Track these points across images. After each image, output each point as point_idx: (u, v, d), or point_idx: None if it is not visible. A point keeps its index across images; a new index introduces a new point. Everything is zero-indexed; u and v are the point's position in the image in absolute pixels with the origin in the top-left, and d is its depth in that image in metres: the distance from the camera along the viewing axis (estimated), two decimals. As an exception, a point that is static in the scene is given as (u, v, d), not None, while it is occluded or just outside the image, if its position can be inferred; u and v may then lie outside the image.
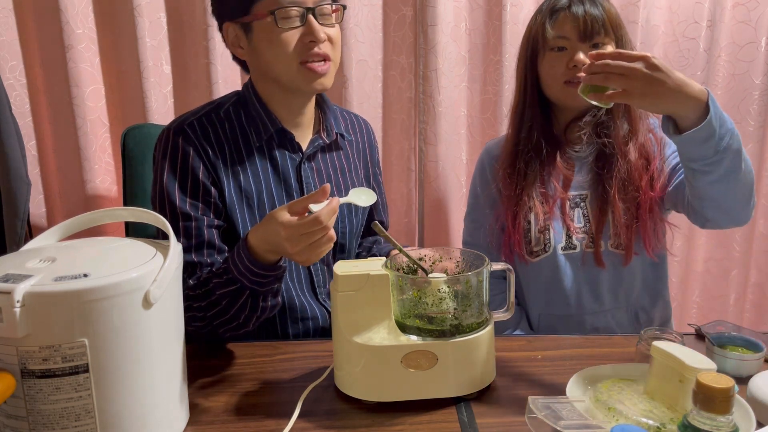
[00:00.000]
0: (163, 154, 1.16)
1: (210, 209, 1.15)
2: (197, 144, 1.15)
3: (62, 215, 1.80)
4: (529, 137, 1.36)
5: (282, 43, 1.11)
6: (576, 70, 1.28)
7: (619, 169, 1.31)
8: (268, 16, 1.10)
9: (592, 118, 1.35)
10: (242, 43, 1.16)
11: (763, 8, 1.77)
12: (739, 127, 1.86)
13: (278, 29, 1.10)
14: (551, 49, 1.31)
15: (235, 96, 1.24)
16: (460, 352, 0.94)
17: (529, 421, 0.81)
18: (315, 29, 1.11)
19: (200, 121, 1.17)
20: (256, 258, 1.02)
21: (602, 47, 1.28)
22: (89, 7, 1.69)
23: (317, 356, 1.11)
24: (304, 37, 1.11)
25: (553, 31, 1.29)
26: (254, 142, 1.19)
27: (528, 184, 1.36)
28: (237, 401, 0.97)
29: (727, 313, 2.00)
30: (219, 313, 1.08)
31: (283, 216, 0.95)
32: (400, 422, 0.91)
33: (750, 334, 1.08)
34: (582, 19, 1.26)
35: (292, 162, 1.23)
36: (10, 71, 1.69)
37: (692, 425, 0.68)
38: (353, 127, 1.37)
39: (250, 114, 1.20)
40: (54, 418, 0.75)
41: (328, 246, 0.97)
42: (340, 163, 1.31)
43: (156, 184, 1.16)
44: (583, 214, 1.36)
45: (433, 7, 1.73)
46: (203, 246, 1.13)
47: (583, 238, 1.35)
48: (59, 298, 0.72)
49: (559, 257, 1.36)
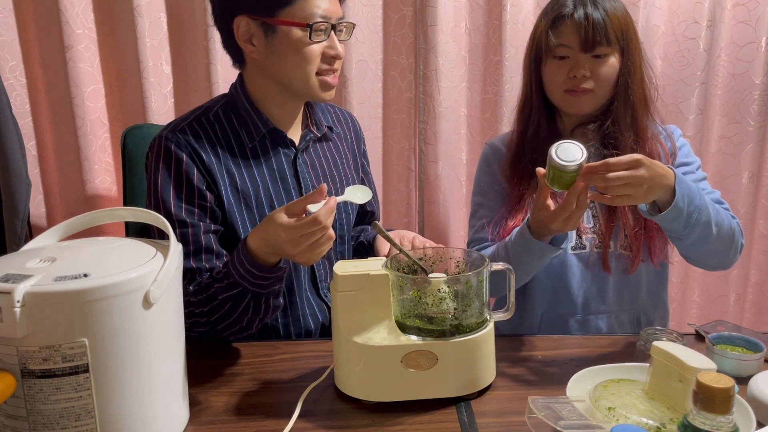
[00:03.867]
0: (156, 162, 1.15)
1: (206, 214, 1.15)
2: (190, 149, 1.15)
3: (62, 215, 1.80)
4: (535, 138, 1.36)
5: (308, 54, 1.13)
6: (576, 80, 1.28)
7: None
8: (301, 26, 1.10)
9: (599, 128, 1.34)
10: (256, 41, 1.15)
11: (763, 8, 1.77)
12: (739, 127, 1.87)
13: (309, 41, 1.12)
14: (553, 56, 1.30)
15: (223, 99, 1.24)
16: (460, 352, 0.94)
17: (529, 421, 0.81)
18: (337, 45, 1.16)
19: (191, 126, 1.17)
20: (257, 260, 1.02)
21: (604, 58, 1.27)
22: (89, 7, 1.69)
23: (317, 356, 1.11)
24: (328, 51, 1.15)
25: (555, 39, 1.28)
26: (247, 142, 1.20)
27: (534, 185, 1.34)
28: (237, 401, 0.97)
29: (727, 313, 2.00)
30: (222, 318, 1.07)
31: (282, 218, 0.96)
32: (400, 422, 0.91)
33: (750, 334, 1.08)
34: (583, 27, 1.25)
35: (286, 158, 1.24)
36: (10, 71, 1.69)
37: (692, 425, 0.68)
38: (339, 120, 1.39)
39: (240, 115, 1.21)
40: (54, 418, 0.75)
41: (328, 245, 0.97)
42: (332, 155, 1.33)
43: (150, 192, 1.16)
44: (592, 214, 1.35)
45: (433, 7, 1.73)
46: (201, 252, 1.13)
47: (592, 238, 1.35)
48: (59, 298, 0.72)
49: (569, 257, 1.36)
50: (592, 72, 1.27)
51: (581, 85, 1.28)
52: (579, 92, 1.29)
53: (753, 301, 2.01)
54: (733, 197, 1.91)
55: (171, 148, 1.14)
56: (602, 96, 1.30)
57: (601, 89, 1.29)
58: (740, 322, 2.01)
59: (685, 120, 1.85)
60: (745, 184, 1.90)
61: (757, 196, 1.91)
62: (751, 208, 1.92)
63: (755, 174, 1.89)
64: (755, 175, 1.89)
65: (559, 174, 1.04)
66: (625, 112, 1.30)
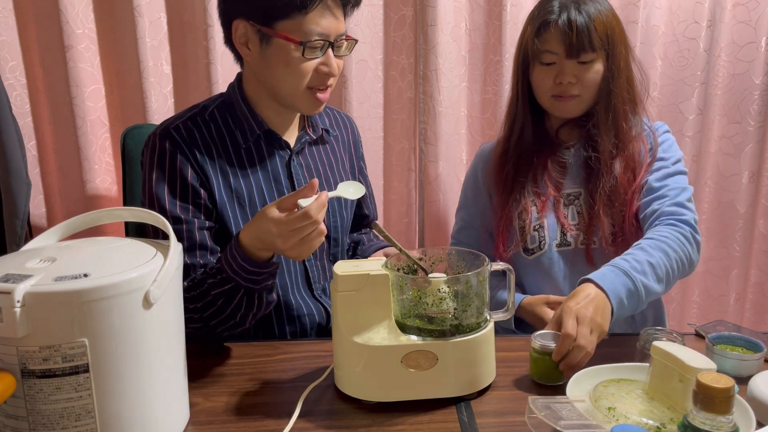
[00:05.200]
0: (150, 159, 1.16)
1: (200, 211, 1.16)
2: (184, 147, 1.15)
3: (62, 215, 1.80)
4: (519, 142, 1.39)
5: (299, 69, 1.12)
6: (563, 87, 1.30)
7: (604, 184, 1.32)
8: (296, 42, 1.09)
9: (582, 131, 1.36)
10: (252, 45, 1.14)
11: (763, 8, 1.77)
12: (739, 127, 1.87)
13: (302, 58, 1.10)
14: (540, 62, 1.32)
15: (220, 98, 1.24)
16: (460, 352, 0.94)
17: (529, 421, 0.81)
18: (332, 63, 1.14)
19: (186, 125, 1.17)
20: (249, 256, 1.02)
21: (590, 64, 1.29)
22: (89, 7, 1.68)
23: (317, 356, 1.11)
24: (321, 68, 1.13)
25: (541, 45, 1.30)
26: (241, 143, 1.20)
27: (518, 188, 1.38)
28: (237, 401, 0.97)
29: (727, 313, 2.00)
30: (215, 313, 1.08)
31: (273, 213, 0.96)
32: (400, 422, 0.91)
33: (750, 334, 1.08)
34: (567, 34, 1.26)
35: (281, 159, 1.24)
36: (10, 71, 1.69)
37: (692, 425, 0.68)
38: (337, 123, 1.39)
39: (236, 116, 1.21)
40: (54, 418, 0.75)
41: (319, 240, 0.98)
42: (327, 157, 1.33)
43: (145, 189, 1.16)
44: (577, 211, 1.37)
45: (433, 7, 1.73)
46: (195, 248, 1.13)
47: (577, 234, 1.36)
48: (59, 298, 0.72)
49: (554, 253, 1.38)
50: (578, 78, 1.29)
51: (568, 91, 1.30)
52: (566, 98, 1.31)
53: (753, 301, 2.01)
54: (733, 197, 1.91)
55: (165, 146, 1.15)
56: (588, 100, 1.33)
57: (587, 94, 1.31)
58: (740, 322, 2.00)
59: (685, 120, 1.85)
60: (745, 184, 1.89)
61: (757, 196, 1.91)
62: (751, 208, 1.92)
63: (755, 174, 1.89)
64: (755, 175, 1.89)
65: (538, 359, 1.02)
66: (606, 115, 1.32)
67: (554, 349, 0.98)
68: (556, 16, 1.27)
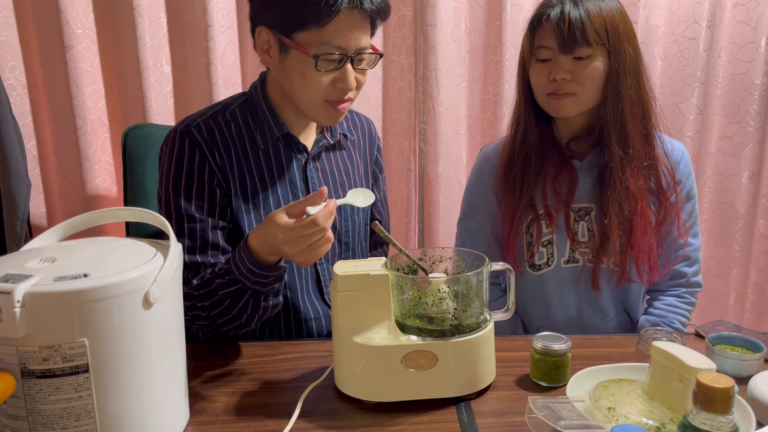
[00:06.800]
0: (169, 156, 1.16)
1: (215, 211, 1.16)
2: (203, 146, 1.15)
3: (62, 215, 1.80)
4: (524, 144, 1.33)
5: (314, 82, 1.10)
6: (557, 84, 1.23)
7: (616, 196, 1.26)
8: (308, 55, 1.07)
9: (595, 141, 1.31)
10: (272, 54, 1.13)
11: (763, 8, 1.77)
12: (739, 127, 1.87)
13: (315, 70, 1.08)
14: (536, 59, 1.27)
15: (242, 97, 1.23)
16: (460, 352, 0.94)
17: (529, 421, 0.81)
18: (349, 77, 1.10)
19: (206, 123, 1.17)
20: (257, 259, 1.03)
21: (587, 60, 1.22)
22: (89, 7, 1.69)
23: (317, 356, 1.11)
24: (337, 82, 1.11)
25: (536, 41, 1.25)
26: (260, 143, 1.20)
27: (525, 195, 1.32)
28: (237, 401, 0.97)
29: (727, 313, 2.00)
30: (222, 313, 1.09)
31: (281, 219, 0.96)
32: (400, 422, 0.91)
33: (750, 334, 1.08)
34: (560, 27, 1.20)
35: (297, 163, 1.23)
36: (10, 71, 1.69)
37: (692, 425, 0.68)
38: (355, 125, 1.37)
39: (257, 116, 1.21)
40: (54, 418, 0.75)
41: (326, 247, 0.98)
42: (344, 162, 1.32)
43: (162, 185, 1.17)
44: (588, 228, 1.32)
45: (433, 7, 1.73)
46: (207, 247, 1.14)
47: (585, 252, 1.33)
48: (59, 298, 0.72)
49: (562, 270, 1.34)
50: (573, 74, 1.22)
51: (562, 89, 1.23)
52: (560, 96, 1.24)
53: (753, 301, 2.01)
54: (733, 197, 1.91)
55: (185, 144, 1.15)
56: (586, 100, 1.25)
57: (584, 92, 1.24)
58: (740, 322, 2.00)
59: (685, 120, 1.85)
60: (745, 184, 1.90)
61: (757, 196, 1.91)
62: (751, 208, 1.92)
63: (755, 174, 1.89)
64: (755, 175, 1.89)
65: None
66: (615, 117, 1.25)
67: None
68: (550, 9, 1.23)
